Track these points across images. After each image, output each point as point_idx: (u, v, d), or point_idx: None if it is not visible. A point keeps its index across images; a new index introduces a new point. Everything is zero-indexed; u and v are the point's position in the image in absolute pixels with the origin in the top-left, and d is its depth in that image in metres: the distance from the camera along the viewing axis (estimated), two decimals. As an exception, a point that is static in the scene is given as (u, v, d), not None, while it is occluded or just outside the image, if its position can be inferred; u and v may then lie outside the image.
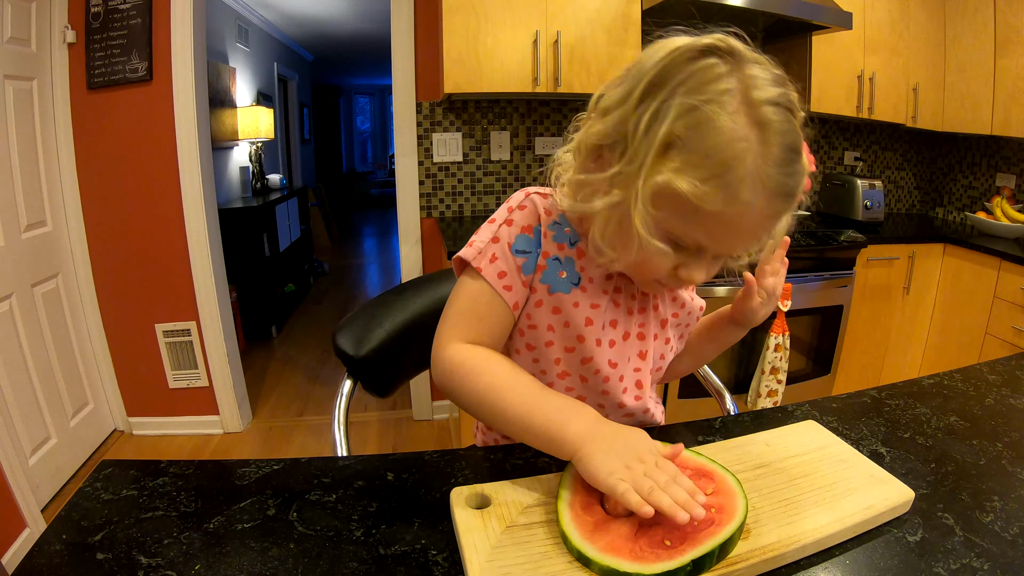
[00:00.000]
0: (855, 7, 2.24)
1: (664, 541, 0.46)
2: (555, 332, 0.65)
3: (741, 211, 0.50)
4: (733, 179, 0.49)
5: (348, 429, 0.81)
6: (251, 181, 3.87)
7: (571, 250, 0.64)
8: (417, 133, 2.36)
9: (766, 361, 2.11)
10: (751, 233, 0.54)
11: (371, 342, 0.87)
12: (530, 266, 0.63)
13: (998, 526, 0.52)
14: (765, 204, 0.51)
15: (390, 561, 0.47)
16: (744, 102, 0.50)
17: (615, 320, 0.67)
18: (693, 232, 0.53)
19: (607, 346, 0.66)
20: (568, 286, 0.64)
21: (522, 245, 0.63)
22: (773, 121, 0.50)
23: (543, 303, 0.64)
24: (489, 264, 0.62)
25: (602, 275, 0.65)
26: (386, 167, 9.61)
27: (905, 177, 3.07)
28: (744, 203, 0.49)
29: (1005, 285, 2.18)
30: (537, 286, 0.64)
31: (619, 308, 0.67)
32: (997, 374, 0.84)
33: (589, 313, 0.64)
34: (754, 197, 0.49)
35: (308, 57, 6.51)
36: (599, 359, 0.66)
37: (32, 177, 1.99)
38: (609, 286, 0.66)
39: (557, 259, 0.64)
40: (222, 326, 2.33)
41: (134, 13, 2.02)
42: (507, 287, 0.62)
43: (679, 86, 0.51)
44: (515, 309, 0.64)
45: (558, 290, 0.64)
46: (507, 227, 0.64)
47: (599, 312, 0.65)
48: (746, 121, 0.49)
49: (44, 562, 0.46)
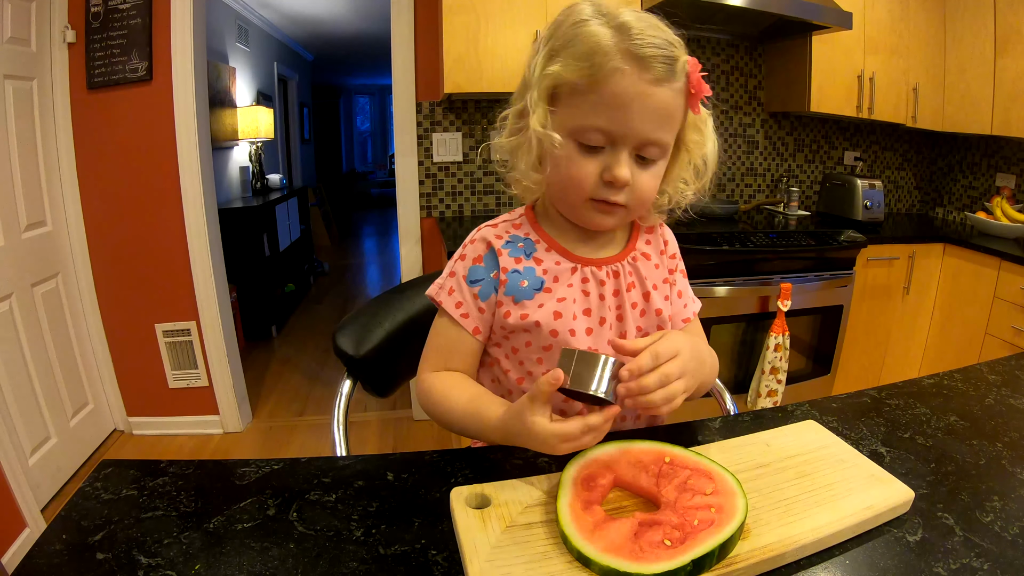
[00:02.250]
0: (855, 7, 2.24)
1: (664, 541, 0.46)
2: (531, 334, 0.70)
3: (616, 79, 0.60)
4: (598, 52, 0.60)
5: (348, 429, 0.81)
6: (251, 181, 3.87)
7: (528, 260, 0.72)
8: (417, 133, 2.36)
9: (766, 361, 2.11)
10: (644, 108, 0.61)
11: (371, 342, 0.87)
12: (487, 291, 0.71)
13: (998, 526, 0.52)
14: (635, 69, 0.60)
15: (390, 561, 0.47)
16: (603, 14, 0.62)
17: (588, 309, 0.71)
18: (590, 117, 0.62)
19: (583, 334, 0.70)
20: (531, 292, 0.70)
21: (476, 275, 0.72)
22: (629, 19, 0.61)
23: (511, 313, 0.70)
24: (448, 297, 0.73)
25: (566, 271, 0.71)
26: (386, 167, 9.61)
27: (905, 177, 3.08)
28: (612, 68, 0.59)
29: (1005, 285, 2.18)
30: (503, 299, 0.71)
31: (589, 297, 0.71)
32: (997, 374, 0.84)
33: (557, 307, 0.69)
34: (620, 63, 0.59)
35: (308, 57, 6.50)
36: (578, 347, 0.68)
37: (32, 177, 1.99)
38: (576, 279, 0.71)
39: (516, 271, 0.71)
40: (222, 326, 2.33)
41: (134, 13, 2.02)
42: (464, 315, 0.72)
43: (557, 28, 0.65)
44: (476, 334, 0.72)
45: (523, 298, 0.70)
46: (461, 261, 0.74)
47: (567, 304, 0.70)
48: (605, 22, 0.62)
49: (44, 562, 0.46)
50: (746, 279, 2.09)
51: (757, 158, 2.80)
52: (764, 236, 2.14)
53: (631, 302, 0.73)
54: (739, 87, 2.68)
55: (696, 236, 2.08)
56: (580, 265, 0.71)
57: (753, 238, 2.12)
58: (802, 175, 2.90)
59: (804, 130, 2.83)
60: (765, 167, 2.83)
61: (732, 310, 2.11)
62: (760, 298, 2.11)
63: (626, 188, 0.65)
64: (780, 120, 2.78)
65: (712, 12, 2.19)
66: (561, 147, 0.63)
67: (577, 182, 0.65)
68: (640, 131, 0.62)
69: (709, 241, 2.06)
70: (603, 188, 0.64)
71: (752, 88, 2.70)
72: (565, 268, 0.71)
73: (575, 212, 0.69)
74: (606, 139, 0.63)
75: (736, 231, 2.20)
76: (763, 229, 2.29)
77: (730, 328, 2.16)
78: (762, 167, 2.83)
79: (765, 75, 2.70)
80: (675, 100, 0.63)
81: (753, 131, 2.76)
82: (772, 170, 2.85)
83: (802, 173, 2.89)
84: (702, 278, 2.04)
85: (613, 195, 0.65)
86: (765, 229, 2.29)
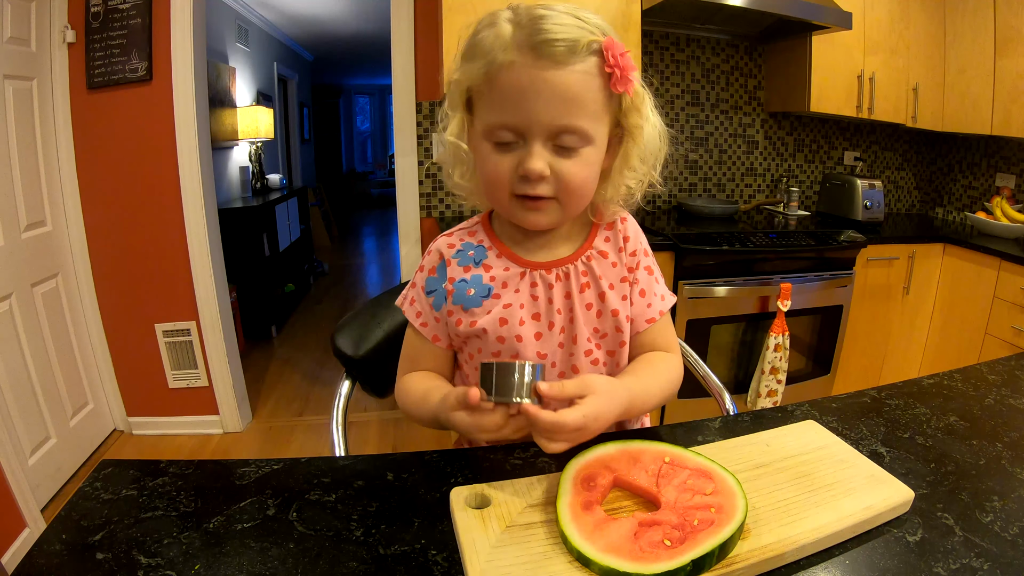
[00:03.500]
0: (855, 7, 2.24)
1: (664, 541, 0.46)
2: (482, 340, 0.71)
3: (508, 71, 0.60)
4: (492, 49, 0.60)
5: (347, 429, 0.81)
6: (251, 181, 3.87)
7: (477, 268, 0.72)
8: (417, 133, 2.36)
9: (766, 361, 2.11)
10: (541, 95, 0.59)
11: (370, 342, 0.87)
12: (439, 301, 0.73)
13: (998, 526, 0.52)
14: (527, 58, 0.59)
15: (390, 561, 0.47)
16: (518, 13, 0.62)
17: (536, 313, 0.71)
18: (493, 115, 0.62)
19: (532, 339, 0.71)
20: (479, 299, 0.71)
21: (431, 286, 0.74)
22: (542, 12, 0.60)
23: (462, 321, 0.72)
24: (410, 307, 0.76)
25: (515, 276, 0.71)
26: (386, 167, 9.60)
27: (905, 177, 3.08)
28: (504, 62, 0.60)
29: (1005, 285, 2.18)
30: (453, 308, 0.72)
31: (537, 301, 0.71)
32: (997, 374, 0.84)
33: (503, 314, 0.70)
34: (512, 55, 0.60)
35: (308, 57, 6.50)
36: (526, 353, 0.70)
37: (32, 177, 1.99)
38: (524, 284, 0.71)
39: (464, 280, 0.72)
40: (222, 326, 2.33)
41: (134, 13, 2.02)
42: (423, 324, 0.75)
43: (470, 35, 0.66)
44: (436, 341, 0.75)
45: (471, 305, 0.71)
46: (420, 273, 0.76)
47: (513, 311, 0.70)
48: (513, 20, 0.61)
49: (44, 562, 0.46)
50: (746, 279, 2.09)
51: (757, 158, 2.80)
52: (764, 236, 2.14)
53: (585, 303, 0.71)
54: (739, 87, 2.68)
55: (696, 236, 2.08)
56: (529, 269, 0.71)
57: (753, 238, 2.12)
58: (802, 175, 2.90)
59: (804, 130, 2.83)
60: (765, 167, 2.83)
61: (732, 310, 2.11)
62: (760, 298, 2.11)
63: (546, 180, 0.63)
64: (780, 120, 2.78)
65: (712, 12, 2.19)
66: (475, 152, 0.66)
67: (494, 180, 0.65)
68: (545, 119, 0.60)
69: (709, 241, 2.06)
70: (520, 183, 0.64)
71: (752, 88, 2.70)
72: (514, 273, 0.71)
73: (507, 212, 0.69)
74: (514, 134, 0.62)
75: (736, 231, 2.20)
76: (763, 229, 2.29)
77: (730, 328, 2.16)
78: (762, 167, 2.83)
79: (765, 75, 2.70)
80: (584, 82, 0.60)
81: (753, 131, 2.76)
82: (772, 170, 2.85)
83: (802, 173, 2.89)
84: (702, 278, 2.04)
85: (531, 188, 0.63)
86: (765, 229, 2.29)
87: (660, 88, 2.55)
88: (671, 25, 2.43)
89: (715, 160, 2.74)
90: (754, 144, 2.78)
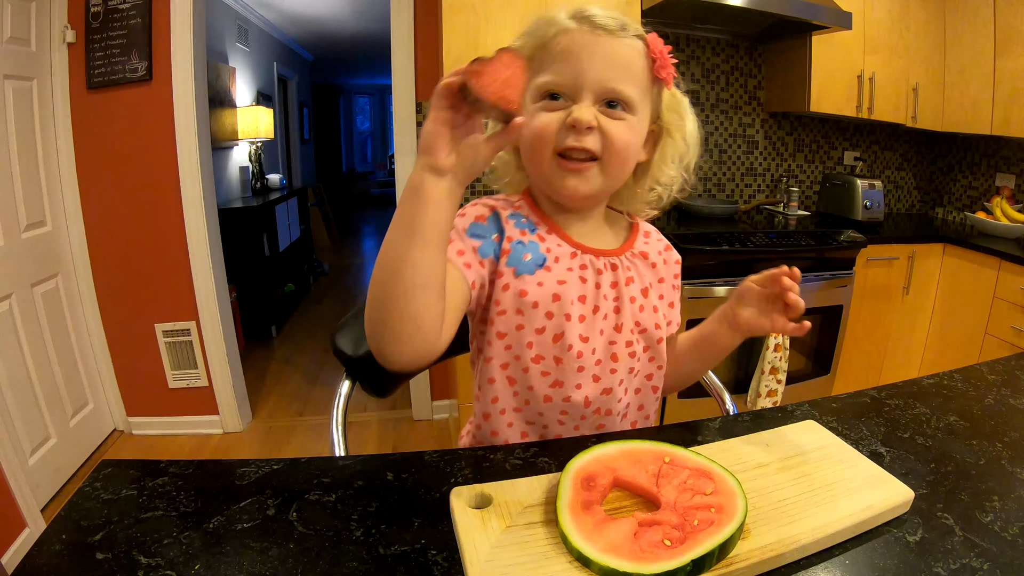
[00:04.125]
0: (855, 7, 2.24)
1: (664, 541, 0.46)
2: (524, 315, 0.68)
3: (563, 35, 0.64)
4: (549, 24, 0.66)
5: (346, 429, 0.80)
6: (251, 181, 3.87)
7: (533, 235, 0.70)
8: (417, 133, 2.36)
9: (766, 361, 2.11)
10: (594, 55, 0.64)
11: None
12: (487, 250, 0.68)
13: (998, 526, 0.52)
14: (581, 25, 0.64)
15: (390, 561, 0.47)
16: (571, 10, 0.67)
17: (583, 295, 0.70)
18: (543, 75, 0.65)
19: (576, 320, 0.69)
20: (532, 267, 0.69)
21: (477, 230, 0.69)
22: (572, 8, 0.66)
23: (510, 286, 0.68)
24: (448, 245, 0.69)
25: (567, 254, 0.70)
26: (386, 167, 9.60)
27: (905, 177, 3.08)
28: (559, 29, 0.65)
29: (1005, 285, 2.18)
30: (503, 269, 0.68)
31: (586, 284, 0.70)
32: (997, 374, 0.84)
33: (556, 289, 0.68)
34: (567, 23, 0.65)
35: (308, 57, 6.50)
36: (570, 334, 0.68)
37: (32, 177, 1.99)
38: (575, 263, 0.70)
39: (520, 243, 0.69)
40: (222, 326, 2.33)
41: (134, 13, 2.02)
42: (467, 264, 0.67)
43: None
44: (473, 288, 0.67)
45: (523, 271, 0.68)
46: (460, 218, 0.71)
47: (566, 288, 0.69)
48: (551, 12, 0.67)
49: (44, 562, 0.46)
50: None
51: (757, 158, 2.80)
52: (764, 236, 2.14)
53: (629, 296, 0.73)
54: (739, 87, 2.68)
55: (696, 236, 2.08)
56: (579, 251, 0.71)
57: (753, 238, 2.12)
58: (802, 175, 2.90)
59: (804, 130, 2.83)
60: (765, 167, 2.83)
61: (732, 310, 2.11)
62: (760, 298, 2.11)
63: (593, 133, 0.64)
64: (780, 120, 2.78)
65: (712, 12, 2.19)
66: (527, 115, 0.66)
67: (540, 134, 0.65)
68: (594, 78, 0.63)
69: (709, 241, 2.06)
70: (566, 134, 0.64)
71: (752, 88, 2.70)
72: (565, 251, 0.70)
73: (547, 177, 0.68)
74: (564, 91, 0.65)
75: (736, 231, 2.19)
76: (763, 229, 2.29)
77: (730, 328, 2.15)
78: (762, 167, 2.82)
79: (765, 75, 2.70)
80: (632, 54, 0.65)
81: (753, 131, 2.76)
82: (772, 170, 2.85)
83: (802, 173, 2.89)
84: (702, 278, 2.04)
85: (578, 139, 0.64)
86: (765, 229, 2.29)
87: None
88: (671, 25, 2.43)
89: (715, 160, 2.74)
90: (754, 144, 2.78)
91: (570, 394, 0.71)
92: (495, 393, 0.73)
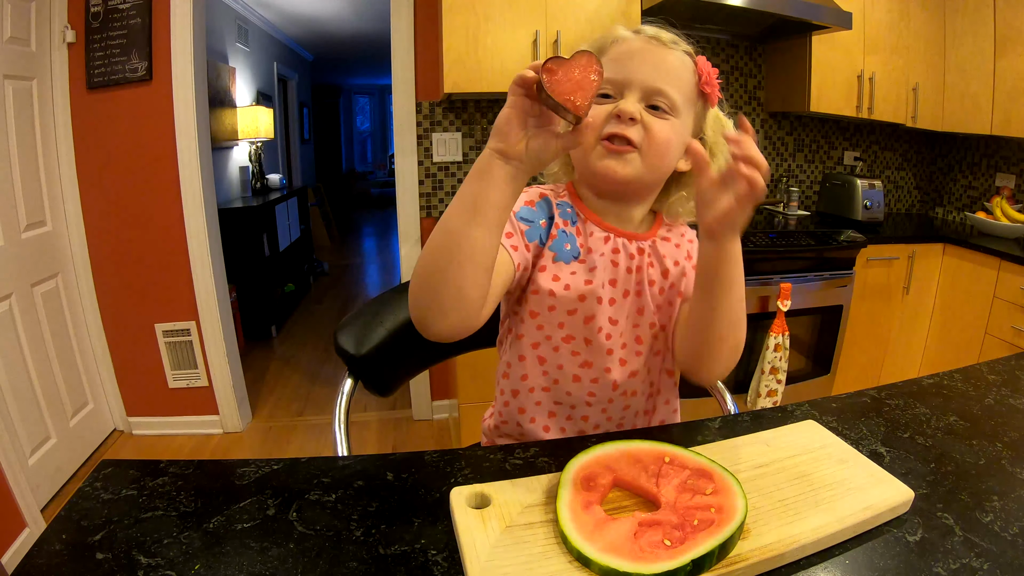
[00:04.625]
0: (855, 7, 2.24)
1: (664, 541, 0.46)
2: (556, 297, 0.73)
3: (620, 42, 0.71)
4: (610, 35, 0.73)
5: (348, 428, 0.81)
6: (251, 181, 3.87)
7: (573, 227, 0.75)
8: (417, 133, 2.36)
9: (766, 361, 2.11)
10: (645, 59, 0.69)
11: (372, 341, 0.87)
12: (535, 233, 0.73)
13: (998, 526, 0.52)
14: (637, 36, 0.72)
15: (390, 561, 0.47)
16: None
17: (614, 279, 0.74)
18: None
19: (607, 304, 0.74)
20: (570, 257, 0.73)
21: (526, 214, 0.73)
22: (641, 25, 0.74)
23: (547, 268, 0.73)
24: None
25: (600, 239, 0.74)
26: (386, 167, 9.60)
27: (905, 177, 3.07)
28: (618, 37, 0.72)
29: (1005, 285, 2.18)
30: (546, 252, 0.73)
31: (618, 268, 0.74)
32: (997, 374, 0.84)
33: (588, 276, 0.73)
34: (625, 34, 0.72)
35: (308, 57, 6.50)
36: (600, 317, 0.73)
37: (32, 177, 1.99)
38: (607, 248, 0.74)
39: (564, 232, 0.74)
40: (222, 326, 2.33)
41: (134, 13, 2.02)
42: (514, 247, 0.70)
43: None
44: (518, 270, 0.70)
45: (561, 259, 0.73)
46: None
47: (597, 273, 0.73)
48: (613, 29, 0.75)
49: (44, 562, 0.46)
50: (746, 279, 2.07)
51: (757, 158, 2.80)
52: (764, 236, 2.14)
53: (649, 279, 0.76)
54: (739, 87, 2.68)
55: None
56: (613, 235, 0.75)
57: (753, 238, 2.12)
58: (802, 175, 2.90)
59: (804, 130, 2.83)
60: (765, 167, 2.83)
61: (732, 310, 2.11)
62: (760, 298, 2.11)
63: (636, 125, 0.67)
64: (780, 120, 2.78)
65: (712, 12, 2.19)
66: None
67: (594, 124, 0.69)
68: (643, 78, 0.68)
69: (709, 241, 2.06)
70: (611, 122, 0.68)
71: (752, 88, 2.70)
72: (599, 237, 0.74)
73: (590, 159, 0.70)
74: (613, 88, 0.69)
75: (736, 231, 2.19)
76: (763, 229, 2.29)
77: (730, 328, 2.15)
78: (762, 167, 2.82)
79: (765, 75, 2.70)
80: (680, 65, 0.70)
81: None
82: (772, 170, 2.85)
83: (802, 173, 2.89)
84: (702, 278, 2.04)
85: (621, 127, 0.67)
86: (765, 229, 2.29)
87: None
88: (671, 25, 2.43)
89: (715, 160, 2.74)
90: (754, 144, 2.78)
91: (598, 375, 0.75)
92: (524, 371, 0.77)
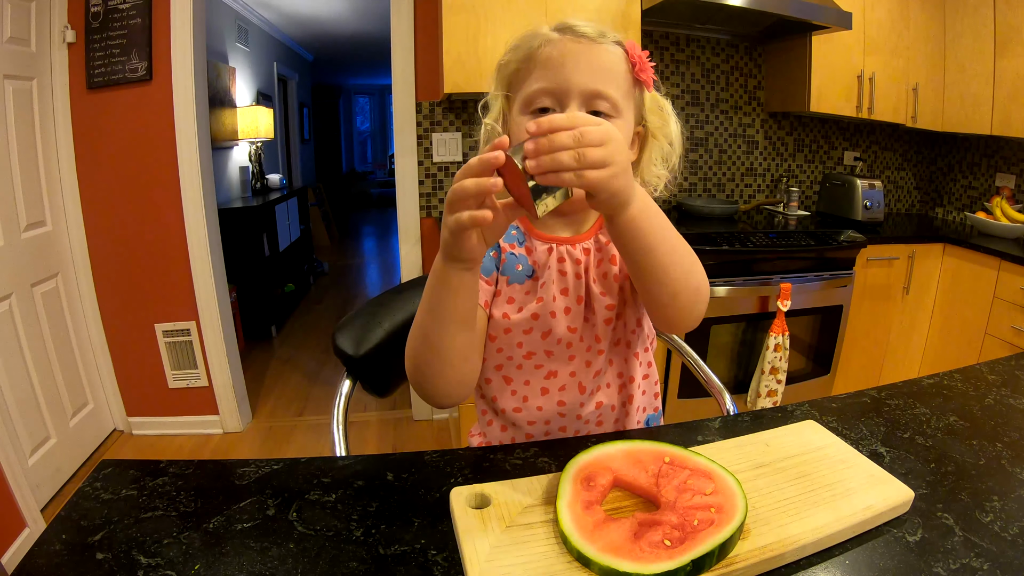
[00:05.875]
0: (855, 7, 2.24)
1: (664, 541, 0.46)
2: (510, 320, 0.73)
3: (547, 46, 0.67)
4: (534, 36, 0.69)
5: (347, 429, 0.80)
6: (251, 181, 3.87)
7: (520, 248, 0.75)
8: (417, 133, 2.36)
9: (766, 361, 2.11)
10: (578, 62, 0.66)
11: (370, 342, 0.87)
12: (490, 265, 0.74)
13: (998, 526, 0.52)
14: (563, 36, 0.67)
15: (390, 561, 0.47)
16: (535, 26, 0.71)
17: (565, 288, 0.74)
18: (531, 85, 0.67)
19: (562, 314, 0.74)
20: (523, 277, 0.74)
21: None
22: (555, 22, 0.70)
23: (501, 293, 0.74)
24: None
25: (544, 252, 0.74)
26: (386, 167, 9.60)
27: (905, 177, 3.07)
28: (543, 40, 0.68)
29: (1005, 285, 2.18)
30: (499, 277, 0.74)
31: (566, 276, 0.74)
32: (997, 374, 0.84)
33: (540, 293, 0.73)
34: (550, 35, 0.68)
35: (308, 57, 6.50)
36: (558, 328, 0.73)
37: (32, 177, 1.99)
38: (552, 259, 0.74)
39: (512, 254, 0.75)
40: (222, 326, 2.33)
41: (134, 13, 2.02)
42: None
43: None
44: (486, 307, 0.73)
45: (515, 281, 0.74)
46: None
47: (547, 288, 0.73)
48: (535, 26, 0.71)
49: (44, 562, 0.46)
50: (746, 279, 2.09)
51: (757, 158, 2.80)
52: (764, 236, 2.14)
53: (601, 274, 0.75)
54: (739, 87, 2.68)
55: (696, 236, 2.09)
56: (555, 245, 0.74)
57: (753, 238, 2.12)
58: (802, 175, 2.90)
59: (804, 130, 2.83)
60: (765, 167, 2.83)
61: (732, 310, 2.11)
62: (760, 298, 2.11)
63: None
64: (780, 120, 2.78)
65: (712, 12, 2.19)
66: (514, 128, 0.70)
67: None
68: (579, 82, 0.65)
69: (709, 241, 2.06)
70: None
71: (752, 88, 2.70)
72: (542, 250, 0.74)
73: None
74: (551, 99, 0.67)
75: (736, 231, 2.20)
76: (763, 229, 2.29)
77: (730, 328, 2.16)
78: (762, 167, 2.83)
79: (765, 75, 2.70)
80: (613, 60, 0.68)
81: (753, 131, 2.76)
82: (772, 170, 2.85)
83: (802, 173, 2.89)
84: (702, 278, 2.04)
85: None
86: (765, 229, 2.29)
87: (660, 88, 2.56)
88: (671, 25, 2.43)
89: (715, 160, 2.74)
90: (754, 144, 2.78)
91: (565, 382, 0.75)
92: (493, 392, 0.78)
